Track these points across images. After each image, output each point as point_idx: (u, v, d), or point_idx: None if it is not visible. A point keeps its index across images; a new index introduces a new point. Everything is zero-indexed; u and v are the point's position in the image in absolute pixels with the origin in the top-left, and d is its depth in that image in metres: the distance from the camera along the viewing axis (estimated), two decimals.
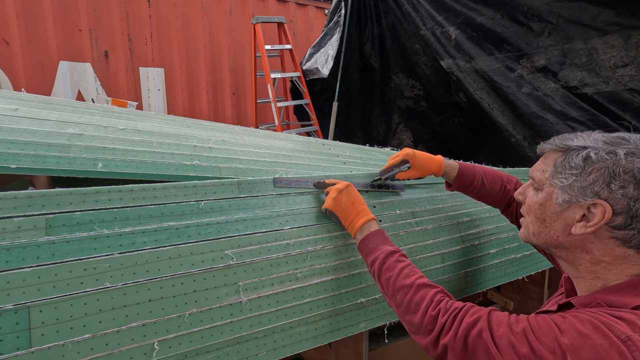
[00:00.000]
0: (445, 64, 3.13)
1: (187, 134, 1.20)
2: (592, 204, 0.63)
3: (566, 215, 0.66)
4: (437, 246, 1.17)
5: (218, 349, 0.81)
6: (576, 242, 0.66)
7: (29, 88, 3.22)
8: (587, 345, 0.54)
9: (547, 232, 0.70)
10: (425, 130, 3.87)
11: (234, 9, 4.29)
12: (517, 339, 0.60)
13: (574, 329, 0.57)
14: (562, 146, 0.68)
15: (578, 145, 0.66)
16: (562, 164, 0.67)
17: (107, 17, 3.55)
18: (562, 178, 0.66)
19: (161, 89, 3.92)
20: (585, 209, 0.64)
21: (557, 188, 0.67)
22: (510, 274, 1.30)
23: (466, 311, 0.69)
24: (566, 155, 0.67)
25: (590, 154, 0.64)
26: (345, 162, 1.33)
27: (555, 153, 0.70)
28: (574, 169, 0.65)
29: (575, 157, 0.65)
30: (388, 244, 0.90)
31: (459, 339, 0.66)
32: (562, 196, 0.66)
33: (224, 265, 0.86)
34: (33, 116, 1.03)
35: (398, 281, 0.81)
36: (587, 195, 0.63)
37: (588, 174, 0.63)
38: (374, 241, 0.91)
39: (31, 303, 0.68)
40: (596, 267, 0.66)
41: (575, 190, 0.64)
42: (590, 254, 0.66)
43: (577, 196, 0.64)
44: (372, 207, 1.13)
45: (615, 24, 2.15)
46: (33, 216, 0.75)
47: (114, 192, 0.85)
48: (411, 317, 0.76)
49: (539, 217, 0.71)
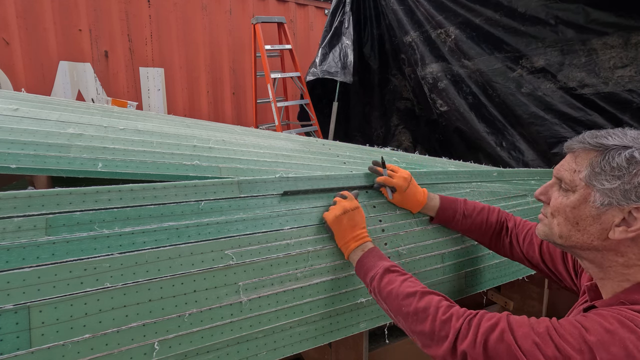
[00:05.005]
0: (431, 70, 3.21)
1: (187, 134, 1.20)
2: (635, 208, 0.58)
3: (604, 219, 0.62)
4: (437, 246, 1.17)
5: (218, 349, 0.81)
6: (611, 245, 0.62)
7: (29, 88, 3.22)
8: (615, 340, 0.52)
9: (581, 236, 0.65)
10: (424, 132, 3.87)
11: (234, 9, 4.29)
12: (542, 339, 0.57)
13: (599, 325, 0.55)
14: (597, 144, 0.62)
15: (616, 144, 0.60)
16: (601, 164, 0.61)
17: (107, 17, 3.55)
18: (603, 180, 0.61)
19: (161, 89, 3.92)
20: (627, 212, 0.59)
21: (595, 190, 0.62)
22: (510, 274, 1.30)
23: (482, 316, 0.66)
24: (605, 155, 0.61)
25: (634, 154, 0.59)
26: (345, 162, 1.32)
27: (589, 152, 0.64)
28: (616, 170, 0.59)
29: (617, 157, 0.60)
30: (384, 260, 0.88)
31: (478, 344, 0.62)
32: (602, 199, 0.61)
33: (224, 265, 0.86)
34: (33, 116, 1.03)
35: (401, 292, 0.77)
36: (631, 199, 0.58)
37: (633, 176, 0.58)
38: (370, 260, 0.89)
39: (31, 303, 0.68)
40: (629, 270, 0.62)
41: (618, 193, 0.59)
42: (624, 257, 0.62)
43: (619, 199, 0.59)
44: (372, 207, 1.13)
45: (614, 25, 2.15)
46: (33, 216, 0.75)
47: (114, 192, 0.85)
48: (421, 326, 0.71)
49: (571, 221, 0.66)
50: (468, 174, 1.42)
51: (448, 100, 3.18)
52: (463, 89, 3.07)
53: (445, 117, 3.28)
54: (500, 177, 1.52)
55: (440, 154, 3.50)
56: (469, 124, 3.06)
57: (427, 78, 3.31)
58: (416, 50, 3.35)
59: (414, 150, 3.88)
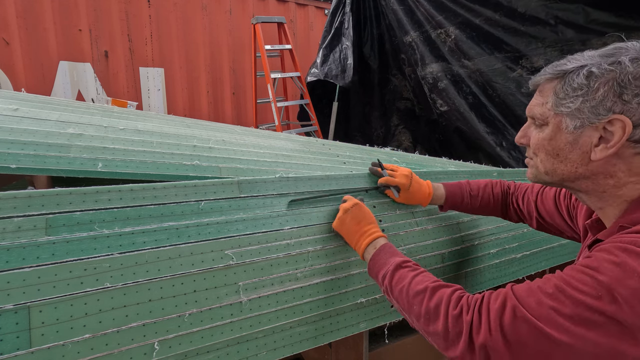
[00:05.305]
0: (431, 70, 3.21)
1: (187, 134, 1.20)
2: (608, 122, 0.57)
3: (581, 142, 0.60)
4: (437, 246, 1.17)
5: (218, 349, 0.81)
6: (597, 168, 0.61)
7: (29, 88, 3.22)
8: (628, 272, 0.49)
9: (564, 166, 0.64)
10: (424, 132, 3.87)
11: (234, 9, 4.29)
12: (555, 300, 0.53)
13: (606, 262, 0.52)
14: (557, 72, 0.62)
15: (574, 66, 0.60)
16: (563, 89, 0.61)
17: (107, 17, 3.55)
18: (569, 103, 0.60)
19: (161, 89, 3.92)
20: (601, 129, 0.58)
21: (564, 116, 0.61)
22: (510, 274, 1.31)
23: (488, 298, 0.60)
24: (565, 79, 0.61)
25: (592, 70, 0.58)
26: (345, 162, 1.33)
27: (551, 82, 0.64)
28: (578, 90, 0.59)
29: (577, 77, 0.59)
30: (396, 256, 0.82)
31: (494, 330, 0.56)
32: (573, 122, 0.60)
33: (224, 265, 0.86)
34: (33, 116, 1.03)
35: (411, 289, 0.71)
36: (600, 114, 0.57)
37: (595, 91, 0.57)
38: (382, 257, 0.83)
39: (31, 303, 0.68)
40: (622, 190, 0.61)
41: (586, 112, 0.58)
42: (614, 177, 0.60)
43: (590, 118, 0.58)
44: (372, 207, 1.13)
45: (614, 25, 2.15)
46: (33, 216, 0.75)
47: (114, 192, 0.85)
48: (434, 326, 0.64)
49: (551, 153, 0.65)
50: (468, 174, 1.42)
51: (448, 100, 3.18)
52: (463, 89, 3.08)
53: (445, 117, 3.29)
54: (500, 177, 1.52)
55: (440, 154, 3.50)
56: (469, 124, 3.06)
57: (427, 78, 3.32)
58: (416, 50, 3.36)
59: (414, 150, 3.88)
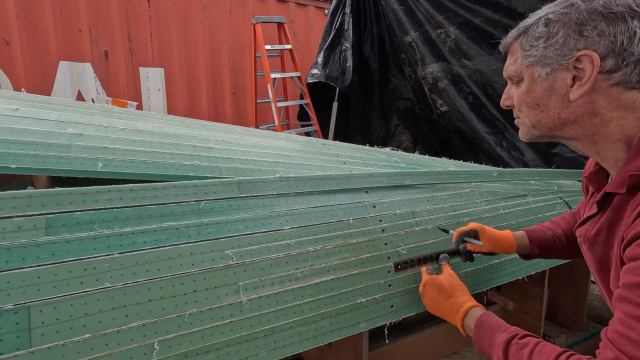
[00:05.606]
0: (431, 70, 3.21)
1: (187, 134, 1.20)
2: (576, 60, 0.60)
3: (557, 86, 0.63)
4: (437, 246, 1.17)
5: (218, 349, 0.81)
6: (579, 110, 0.62)
7: (29, 88, 3.22)
8: None
9: (547, 114, 0.66)
10: (424, 132, 3.87)
11: (234, 9, 4.29)
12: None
13: None
14: (520, 28, 0.67)
15: (534, 19, 0.65)
16: (528, 41, 0.65)
17: (107, 17, 3.55)
18: (534, 52, 0.64)
19: (161, 89, 3.92)
20: (572, 69, 0.61)
21: (534, 66, 0.65)
22: (510, 274, 1.30)
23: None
24: (527, 32, 0.66)
25: (548, 16, 0.62)
26: (345, 162, 1.33)
27: (517, 40, 0.69)
28: (540, 38, 0.63)
29: (537, 27, 0.64)
30: (500, 332, 0.74)
31: None
32: (544, 70, 0.64)
33: (224, 265, 0.86)
34: (33, 116, 1.03)
35: None
36: (566, 54, 0.60)
37: (555, 34, 0.61)
38: (485, 339, 0.76)
39: (31, 303, 0.68)
40: (610, 127, 0.62)
41: (552, 56, 0.62)
42: (598, 115, 0.62)
43: (558, 60, 0.62)
44: (372, 207, 1.13)
45: None
46: (33, 216, 0.75)
47: (114, 192, 0.85)
48: None
49: (532, 104, 0.68)
50: (468, 174, 1.42)
51: (448, 100, 3.19)
52: (463, 89, 3.08)
53: (446, 117, 3.29)
54: (500, 177, 1.52)
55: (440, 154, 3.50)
56: (469, 124, 3.06)
57: (427, 78, 3.32)
58: (416, 50, 3.36)
59: (414, 150, 3.89)
